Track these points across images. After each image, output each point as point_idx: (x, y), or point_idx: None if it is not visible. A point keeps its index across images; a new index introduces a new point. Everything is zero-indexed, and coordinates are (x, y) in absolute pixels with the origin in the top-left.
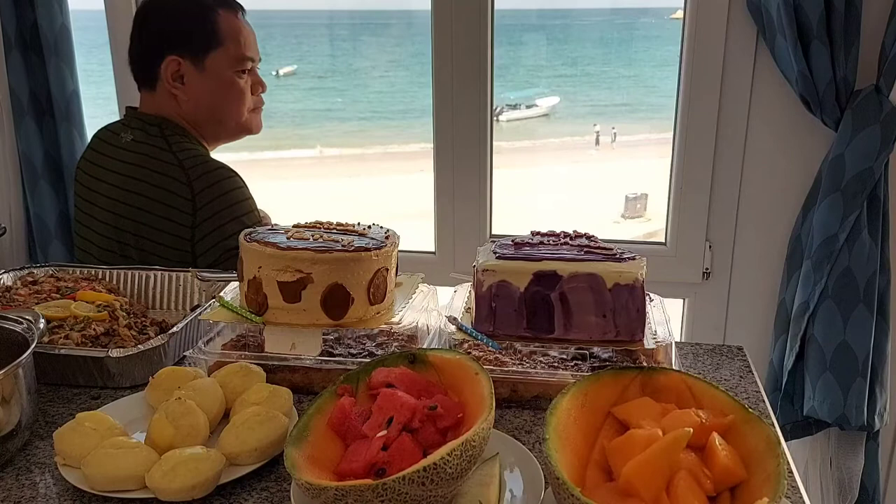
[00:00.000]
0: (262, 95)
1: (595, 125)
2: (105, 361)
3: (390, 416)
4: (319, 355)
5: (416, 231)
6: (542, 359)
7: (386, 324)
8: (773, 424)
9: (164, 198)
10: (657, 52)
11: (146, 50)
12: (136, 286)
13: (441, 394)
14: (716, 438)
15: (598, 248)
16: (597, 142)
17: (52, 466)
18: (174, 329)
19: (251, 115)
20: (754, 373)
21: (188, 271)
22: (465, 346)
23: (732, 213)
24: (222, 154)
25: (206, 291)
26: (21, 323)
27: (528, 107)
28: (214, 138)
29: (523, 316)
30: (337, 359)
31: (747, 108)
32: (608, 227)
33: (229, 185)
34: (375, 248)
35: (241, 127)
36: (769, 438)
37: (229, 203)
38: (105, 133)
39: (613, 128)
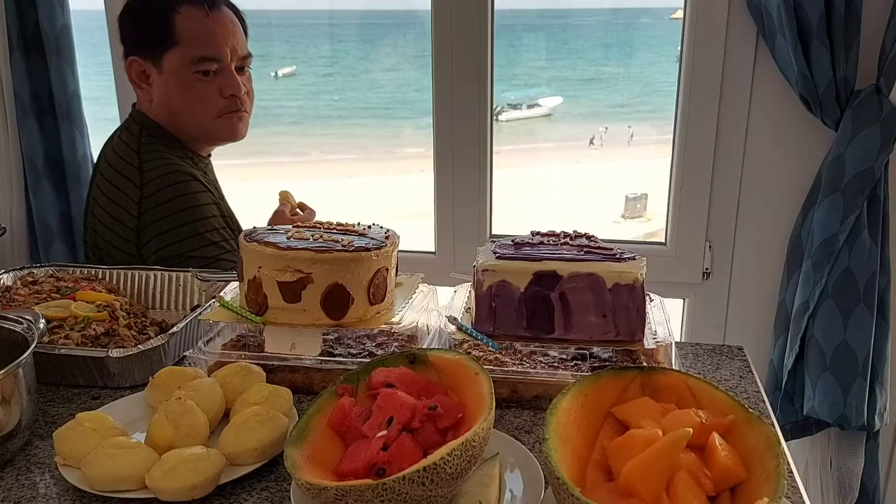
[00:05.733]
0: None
1: (600, 127)
2: (105, 361)
3: (390, 416)
4: (319, 355)
5: (416, 231)
6: (542, 359)
7: (386, 324)
8: (773, 424)
9: (116, 198)
10: (657, 53)
11: (124, 51)
12: (136, 286)
13: (441, 394)
14: (716, 438)
15: (598, 248)
16: (593, 142)
17: (52, 466)
18: (174, 329)
19: (220, 120)
20: (754, 373)
21: (188, 271)
22: (465, 346)
23: (732, 213)
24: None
25: (206, 291)
26: (21, 323)
27: (530, 106)
28: (191, 141)
29: (523, 316)
30: (337, 359)
31: (747, 108)
32: (608, 227)
33: (178, 191)
34: (375, 248)
35: (207, 132)
36: (769, 438)
37: (177, 209)
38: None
39: (630, 126)
